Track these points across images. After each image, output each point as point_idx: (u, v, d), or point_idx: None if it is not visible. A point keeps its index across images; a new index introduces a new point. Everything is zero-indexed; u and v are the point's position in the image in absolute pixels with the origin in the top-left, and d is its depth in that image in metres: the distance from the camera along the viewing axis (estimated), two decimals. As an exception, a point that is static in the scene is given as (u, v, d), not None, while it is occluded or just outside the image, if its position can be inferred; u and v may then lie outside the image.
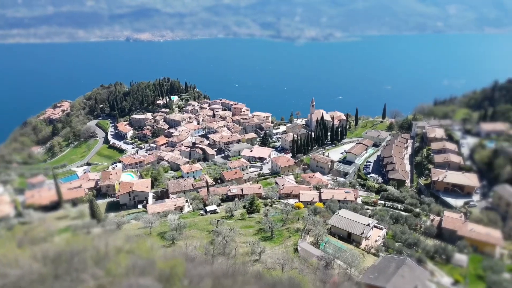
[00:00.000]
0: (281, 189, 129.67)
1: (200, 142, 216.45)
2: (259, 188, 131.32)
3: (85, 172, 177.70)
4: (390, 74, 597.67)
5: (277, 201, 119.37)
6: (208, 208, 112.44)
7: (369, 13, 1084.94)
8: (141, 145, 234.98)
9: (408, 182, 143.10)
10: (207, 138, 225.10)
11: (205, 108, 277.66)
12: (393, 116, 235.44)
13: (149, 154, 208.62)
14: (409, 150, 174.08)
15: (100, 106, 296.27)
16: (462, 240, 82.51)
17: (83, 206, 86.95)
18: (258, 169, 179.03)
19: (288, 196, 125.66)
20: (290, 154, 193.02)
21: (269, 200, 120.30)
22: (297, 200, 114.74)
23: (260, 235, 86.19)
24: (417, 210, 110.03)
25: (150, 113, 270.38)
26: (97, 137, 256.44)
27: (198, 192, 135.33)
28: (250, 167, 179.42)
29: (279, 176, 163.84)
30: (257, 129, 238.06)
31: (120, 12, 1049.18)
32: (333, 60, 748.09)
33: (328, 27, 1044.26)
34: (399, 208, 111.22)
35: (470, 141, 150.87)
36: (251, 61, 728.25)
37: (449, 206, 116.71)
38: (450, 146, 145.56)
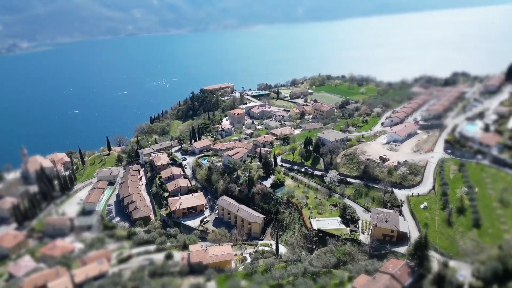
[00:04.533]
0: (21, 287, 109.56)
1: None
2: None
3: None
4: (94, 82, 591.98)
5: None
6: None
7: (54, 19, 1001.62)
8: None
9: (152, 216, 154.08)
10: None
11: None
12: (118, 142, 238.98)
13: None
14: (144, 180, 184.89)
15: None
16: (208, 268, 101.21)
17: None
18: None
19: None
20: (14, 225, 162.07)
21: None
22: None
23: None
24: (168, 245, 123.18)
25: None
26: None
27: None
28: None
29: (10, 259, 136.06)
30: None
31: None
32: (22, 75, 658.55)
33: (8, 37, 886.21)
34: (152, 251, 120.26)
35: (190, 161, 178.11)
36: None
37: (190, 229, 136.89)
38: (176, 171, 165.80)
